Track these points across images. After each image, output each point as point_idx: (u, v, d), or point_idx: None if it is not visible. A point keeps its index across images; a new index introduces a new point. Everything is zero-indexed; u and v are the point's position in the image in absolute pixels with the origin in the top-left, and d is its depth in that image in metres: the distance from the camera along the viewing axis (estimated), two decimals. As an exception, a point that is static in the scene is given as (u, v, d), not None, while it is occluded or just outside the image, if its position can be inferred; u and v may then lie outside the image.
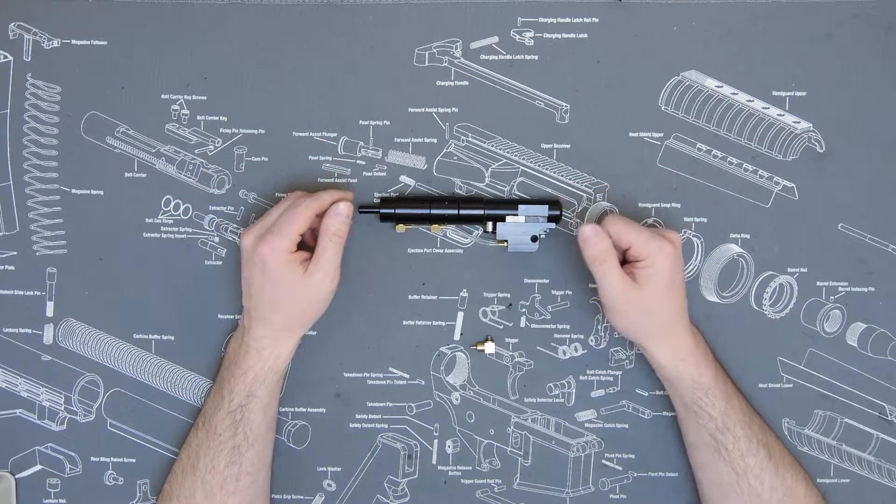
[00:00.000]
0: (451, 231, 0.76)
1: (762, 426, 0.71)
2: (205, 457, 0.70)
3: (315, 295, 0.69)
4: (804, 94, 0.75)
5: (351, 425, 0.77)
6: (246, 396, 0.69)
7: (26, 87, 0.75)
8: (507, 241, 0.73)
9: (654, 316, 0.69)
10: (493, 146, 0.75)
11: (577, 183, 0.75)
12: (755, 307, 0.76)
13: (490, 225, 0.73)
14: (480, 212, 0.73)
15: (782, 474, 0.69)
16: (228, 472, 0.69)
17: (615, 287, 0.67)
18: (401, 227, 0.74)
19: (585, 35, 0.75)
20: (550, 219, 0.73)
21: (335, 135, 0.76)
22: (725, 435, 0.68)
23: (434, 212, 0.73)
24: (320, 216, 0.69)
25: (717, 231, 0.75)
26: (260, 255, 0.66)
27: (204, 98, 0.75)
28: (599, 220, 0.70)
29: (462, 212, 0.73)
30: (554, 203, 0.74)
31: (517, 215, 0.73)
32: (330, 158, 0.76)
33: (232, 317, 0.76)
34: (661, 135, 0.75)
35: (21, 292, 0.76)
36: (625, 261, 0.70)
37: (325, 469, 0.77)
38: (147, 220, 0.76)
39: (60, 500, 0.77)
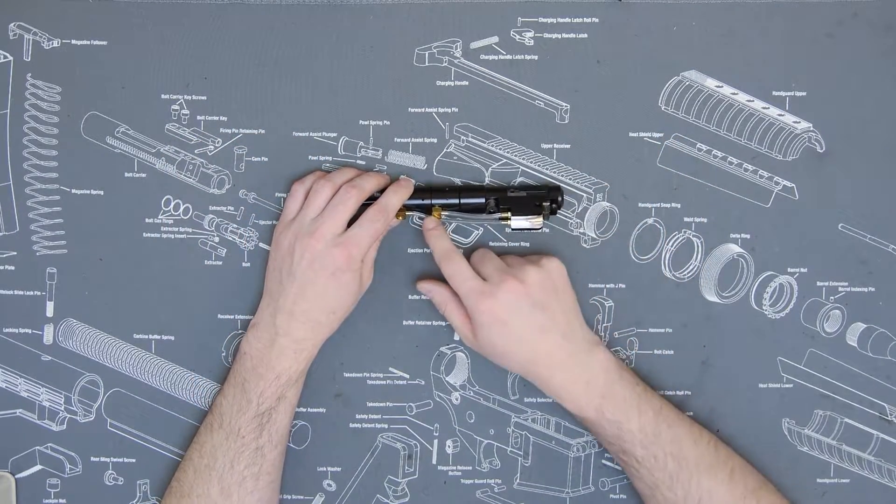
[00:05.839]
0: (451, 231, 0.76)
1: (674, 438, 0.68)
2: (223, 457, 0.69)
3: (359, 296, 0.71)
4: (804, 94, 0.75)
5: (351, 425, 0.77)
6: (277, 399, 0.69)
7: (26, 87, 0.75)
8: (509, 215, 0.72)
9: (504, 360, 0.70)
10: (493, 146, 0.75)
11: (577, 183, 0.75)
12: (755, 307, 0.76)
13: (493, 202, 0.73)
14: (482, 195, 0.73)
15: (697, 481, 0.67)
16: (248, 472, 0.69)
17: (459, 331, 0.72)
18: (400, 216, 0.73)
19: (585, 35, 0.75)
20: (552, 203, 0.73)
21: (335, 135, 0.76)
22: (629, 456, 0.68)
23: (435, 201, 0.73)
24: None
25: (717, 231, 0.75)
26: (335, 261, 0.67)
27: (204, 98, 0.75)
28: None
29: (465, 190, 0.73)
30: (554, 189, 0.73)
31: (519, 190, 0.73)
32: (330, 158, 0.76)
33: (232, 317, 0.76)
34: (661, 135, 0.75)
35: (21, 292, 0.76)
36: None
37: (325, 469, 0.77)
38: (147, 220, 0.76)
39: (60, 500, 0.77)
